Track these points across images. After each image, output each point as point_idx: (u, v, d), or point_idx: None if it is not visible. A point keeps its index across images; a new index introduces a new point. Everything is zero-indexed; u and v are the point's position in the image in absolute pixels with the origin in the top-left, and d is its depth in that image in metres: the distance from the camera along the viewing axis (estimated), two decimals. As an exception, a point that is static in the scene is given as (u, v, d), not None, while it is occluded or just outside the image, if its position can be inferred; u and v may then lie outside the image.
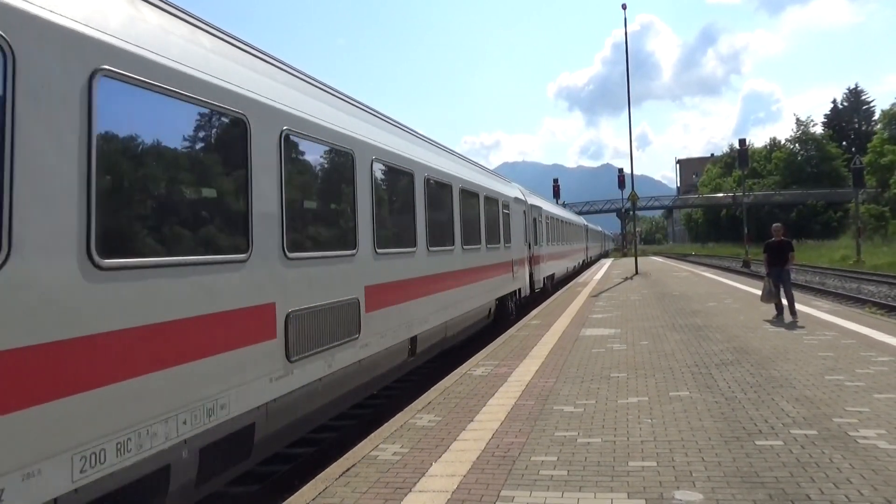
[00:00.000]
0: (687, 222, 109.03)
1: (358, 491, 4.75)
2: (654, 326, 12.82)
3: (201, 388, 4.38)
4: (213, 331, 4.56)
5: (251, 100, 5.27)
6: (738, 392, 7.18)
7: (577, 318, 14.82)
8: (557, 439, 5.77)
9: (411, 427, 6.41)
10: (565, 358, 9.74)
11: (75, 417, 3.42)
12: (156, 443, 3.96)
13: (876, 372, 7.89)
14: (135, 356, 3.84)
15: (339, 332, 6.43)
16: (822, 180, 76.76)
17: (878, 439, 5.36)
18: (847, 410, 6.26)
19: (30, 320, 3.23)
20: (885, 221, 56.72)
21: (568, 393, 7.51)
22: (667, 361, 9.15)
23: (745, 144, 41.87)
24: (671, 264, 44.11)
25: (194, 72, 4.58)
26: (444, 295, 10.30)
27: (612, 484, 4.65)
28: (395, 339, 8.02)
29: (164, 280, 4.14)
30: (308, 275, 5.94)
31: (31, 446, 3.18)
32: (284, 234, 5.56)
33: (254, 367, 5.01)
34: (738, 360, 8.95)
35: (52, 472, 3.27)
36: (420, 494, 4.61)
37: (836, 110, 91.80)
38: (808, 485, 4.47)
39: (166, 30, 4.51)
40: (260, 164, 5.30)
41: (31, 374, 3.20)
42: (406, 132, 9.95)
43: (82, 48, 3.64)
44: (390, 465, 5.28)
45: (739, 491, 4.41)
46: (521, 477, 4.87)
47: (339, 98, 7.62)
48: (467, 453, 5.47)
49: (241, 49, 5.67)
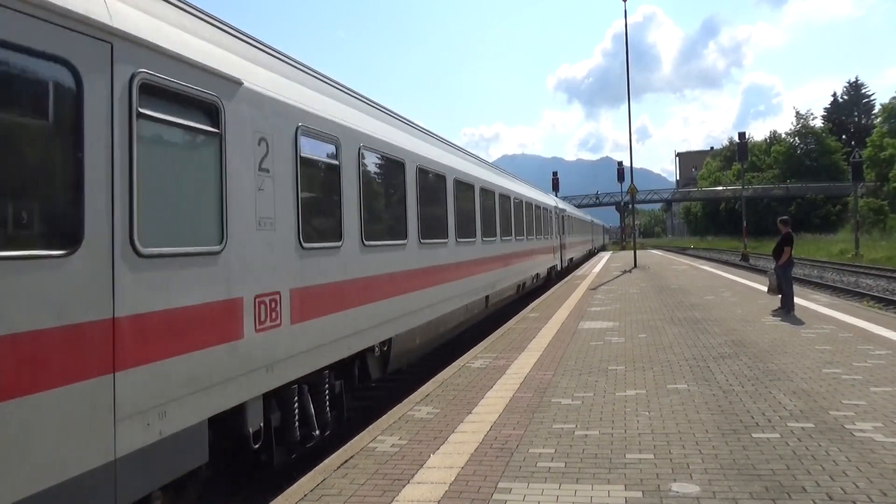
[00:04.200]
0: (686, 216, 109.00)
1: (356, 482, 4.76)
2: (653, 319, 12.84)
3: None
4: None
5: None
6: (736, 385, 7.20)
7: (575, 310, 14.84)
8: (555, 431, 5.79)
9: (409, 419, 6.42)
10: (563, 350, 9.75)
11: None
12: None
13: (873, 365, 7.92)
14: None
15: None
16: (821, 174, 76.70)
17: (875, 432, 5.38)
18: (844, 403, 6.29)
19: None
20: (883, 215, 56.75)
21: (566, 385, 7.53)
22: (665, 354, 9.17)
23: (745, 138, 41.84)
24: (670, 257, 44.14)
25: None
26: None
27: (609, 476, 4.67)
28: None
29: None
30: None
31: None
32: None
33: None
34: (736, 354, 8.98)
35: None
36: (418, 486, 4.63)
37: (835, 104, 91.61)
38: (804, 477, 4.49)
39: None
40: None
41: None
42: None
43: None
44: (388, 457, 5.29)
45: (736, 483, 4.44)
46: (519, 469, 4.89)
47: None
48: (465, 445, 5.48)
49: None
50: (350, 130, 7.28)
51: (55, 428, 3.31)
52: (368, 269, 7.42)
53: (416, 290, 9.13)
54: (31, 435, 3.19)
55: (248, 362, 4.97)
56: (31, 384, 3.20)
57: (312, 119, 6.37)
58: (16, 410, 3.11)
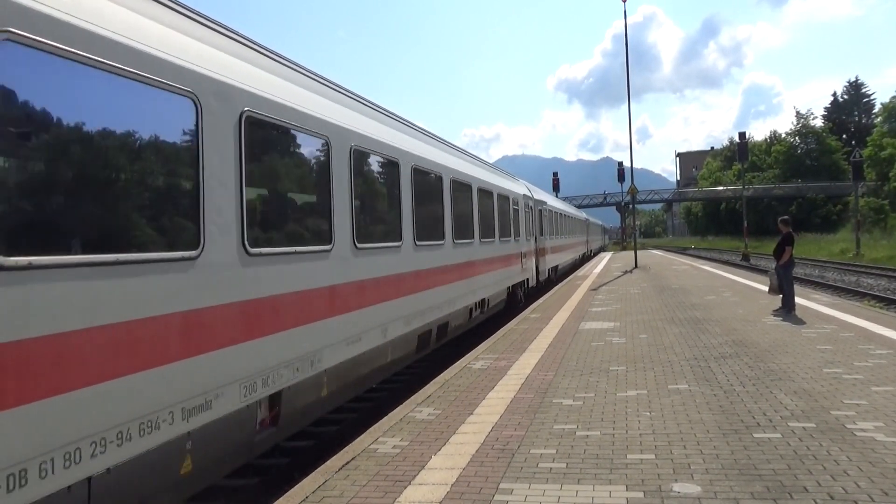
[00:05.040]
0: (686, 216, 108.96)
1: (358, 484, 4.77)
2: (654, 320, 12.84)
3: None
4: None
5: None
6: (737, 385, 7.20)
7: (576, 311, 14.84)
8: (556, 432, 5.79)
9: (411, 420, 6.43)
10: (564, 351, 9.76)
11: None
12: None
13: (874, 365, 7.92)
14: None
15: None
16: (821, 173, 76.66)
17: (876, 432, 5.38)
18: (845, 403, 6.29)
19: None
20: (884, 215, 56.72)
21: (567, 386, 7.53)
22: (666, 355, 9.17)
23: (745, 138, 41.87)
24: (670, 257, 44.13)
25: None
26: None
27: (610, 476, 4.67)
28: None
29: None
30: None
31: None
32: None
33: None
34: (737, 354, 8.97)
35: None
36: (419, 487, 4.63)
37: (836, 103, 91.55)
38: (805, 477, 4.49)
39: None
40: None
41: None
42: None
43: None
44: (390, 458, 5.30)
45: (737, 483, 4.44)
46: (521, 470, 4.89)
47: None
48: (467, 446, 5.49)
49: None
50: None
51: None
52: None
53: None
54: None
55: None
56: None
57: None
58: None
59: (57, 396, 3.35)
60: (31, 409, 3.20)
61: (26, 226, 3.40)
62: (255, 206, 5.44)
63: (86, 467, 3.50)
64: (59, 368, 3.39)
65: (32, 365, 3.24)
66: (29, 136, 3.44)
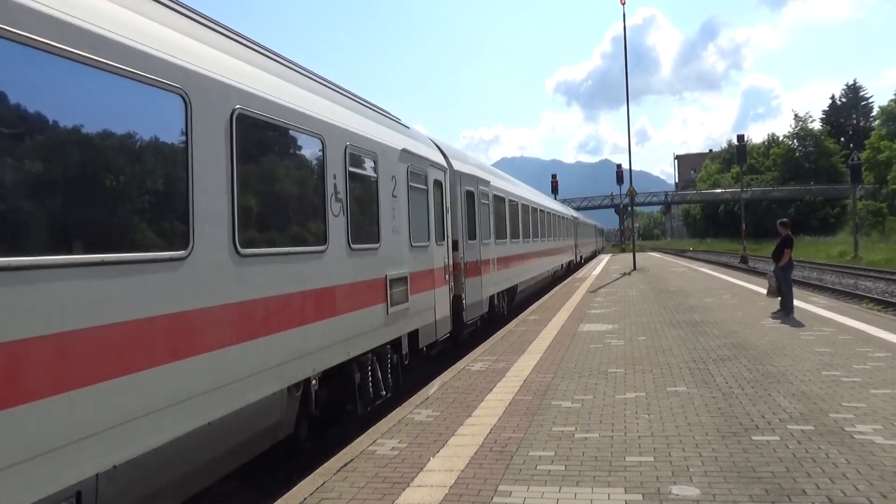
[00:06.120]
0: (685, 218, 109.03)
1: (356, 486, 4.76)
2: (652, 322, 12.84)
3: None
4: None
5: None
6: (736, 387, 7.20)
7: (574, 313, 14.84)
8: (555, 434, 5.79)
9: (409, 422, 6.42)
10: (563, 353, 9.75)
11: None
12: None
13: (872, 367, 7.92)
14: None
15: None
16: (819, 176, 76.76)
17: (875, 434, 5.38)
18: (843, 406, 6.29)
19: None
20: (882, 217, 56.80)
21: (566, 388, 7.53)
22: (664, 357, 9.17)
23: (744, 140, 41.90)
24: (669, 260, 44.16)
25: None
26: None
27: (609, 479, 4.67)
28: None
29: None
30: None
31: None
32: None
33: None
34: (736, 356, 8.98)
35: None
36: (418, 489, 4.62)
37: (834, 106, 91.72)
38: (804, 480, 4.49)
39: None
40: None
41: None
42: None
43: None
44: (388, 460, 5.29)
45: (736, 486, 4.43)
46: (519, 472, 4.89)
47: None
48: (465, 448, 5.48)
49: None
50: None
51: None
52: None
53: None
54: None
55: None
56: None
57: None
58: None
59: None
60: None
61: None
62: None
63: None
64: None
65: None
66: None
